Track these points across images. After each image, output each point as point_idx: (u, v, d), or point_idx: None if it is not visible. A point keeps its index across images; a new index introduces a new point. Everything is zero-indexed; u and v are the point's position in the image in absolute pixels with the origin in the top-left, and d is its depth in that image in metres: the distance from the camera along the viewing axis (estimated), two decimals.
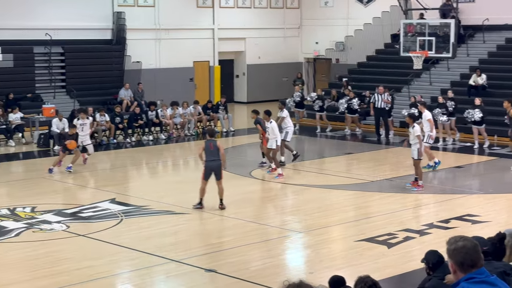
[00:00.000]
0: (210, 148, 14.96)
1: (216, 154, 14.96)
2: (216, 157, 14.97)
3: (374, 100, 24.91)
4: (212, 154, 14.94)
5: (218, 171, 15.03)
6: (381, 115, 24.75)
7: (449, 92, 24.51)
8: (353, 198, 16.44)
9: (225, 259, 11.82)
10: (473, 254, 3.91)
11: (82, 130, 20.53)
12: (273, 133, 18.56)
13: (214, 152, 14.94)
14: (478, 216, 14.56)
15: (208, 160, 14.97)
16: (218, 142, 15.23)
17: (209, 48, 33.99)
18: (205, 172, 15.05)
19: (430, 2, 27.98)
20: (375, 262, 11.59)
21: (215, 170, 15.01)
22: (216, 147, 15.00)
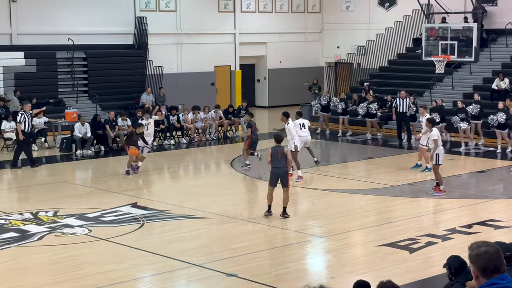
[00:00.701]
0: (277, 155, 14.74)
1: (282, 161, 14.76)
2: (282, 164, 14.77)
3: (396, 104, 24.79)
4: (278, 161, 14.73)
5: (284, 178, 14.81)
6: (403, 120, 24.63)
7: (475, 95, 24.35)
8: (374, 203, 16.37)
9: (246, 263, 11.82)
10: (496, 260, 3.88)
11: (147, 129, 20.83)
12: (290, 134, 18.49)
13: (280, 159, 14.73)
14: (501, 221, 14.45)
15: (275, 167, 14.77)
16: (285, 149, 15.10)
17: (230, 52, 34.06)
18: (272, 179, 14.90)
19: (452, 6, 27.84)
20: (397, 267, 11.53)
21: (281, 177, 14.81)
22: (283, 153, 14.78)
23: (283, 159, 14.73)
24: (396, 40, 32.80)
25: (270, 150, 15.01)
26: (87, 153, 23.28)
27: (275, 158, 14.74)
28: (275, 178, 14.82)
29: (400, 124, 24.77)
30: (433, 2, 27.75)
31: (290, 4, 36.19)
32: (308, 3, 36.78)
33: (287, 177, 14.88)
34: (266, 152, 15.45)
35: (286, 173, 14.84)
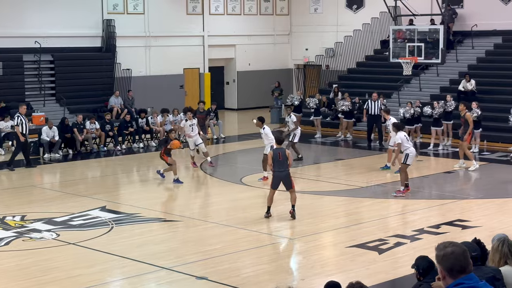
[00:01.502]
0: (278, 158, 14.68)
1: (284, 164, 14.69)
2: (284, 167, 14.72)
3: (367, 106, 24.89)
4: (281, 164, 14.68)
5: (287, 181, 14.80)
6: (375, 122, 24.77)
7: (447, 96, 24.57)
8: (344, 204, 16.45)
9: (216, 266, 11.80)
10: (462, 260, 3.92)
11: (192, 130, 20.81)
12: (267, 138, 18.49)
13: (282, 162, 14.66)
14: (469, 221, 14.61)
15: (277, 170, 14.73)
16: (287, 151, 15.08)
17: (199, 55, 34.00)
18: (274, 182, 14.89)
19: (419, 8, 28.08)
20: (366, 268, 11.59)
21: (284, 180, 14.80)
22: (285, 156, 14.71)
23: (285, 161, 14.68)
24: (364, 42, 33.01)
25: (271, 153, 14.99)
26: (55, 156, 23.08)
27: (277, 161, 14.68)
28: (277, 181, 14.83)
29: (371, 126, 24.90)
30: (400, 5, 27.97)
31: (259, 6, 36.24)
32: (276, 6, 36.86)
33: (290, 179, 14.84)
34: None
35: (288, 175, 14.79)
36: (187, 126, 20.81)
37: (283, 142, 15.32)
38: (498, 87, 26.25)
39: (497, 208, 15.91)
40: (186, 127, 20.94)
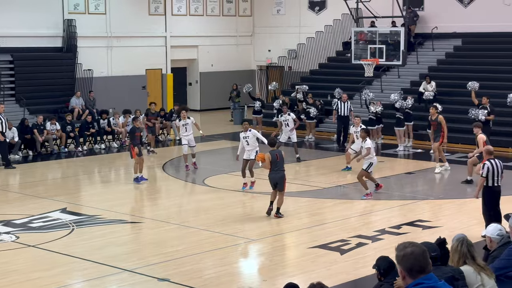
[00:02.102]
0: (276, 159, 14.91)
1: (281, 165, 14.94)
2: (280, 168, 14.92)
3: (337, 107, 24.85)
4: (277, 165, 14.91)
5: (280, 182, 14.96)
6: (344, 123, 24.67)
7: (408, 97, 24.79)
8: (306, 205, 16.50)
9: (178, 267, 11.76)
10: (422, 260, 3.96)
11: (186, 130, 20.41)
12: (253, 143, 18.02)
13: (279, 163, 14.93)
14: (429, 221, 14.76)
15: (273, 171, 14.95)
16: (283, 152, 15.28)
17: (161, 56, 33.85)
18: (271, 183, 15.11)
19: (380, 10, 28.31)
20: (328, 269, 11.65)
21: (278, 181, 14.95)
22: (282, 157, 14.98)
23: (281, 163, 14.95)
24: (327, 43, 33.18)
25: (269, 155, 15.06)
26: (15, 158, 22.78)
27: (274, 162, 14.88)
28: (272, 182, 15.03)
29: (341, 127, 24.83)
30: (362, 7, 28.16)
31: (221, 7, 36.21)
32: (239, 7, 36.87)
33: (284, 181, 15.00)
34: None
35: (283, 177, 14.97)
36: (181, 126, 20.58)
37: (276, 144, 15.48)
38: (458, 89, 26.55)
39: (457, 209, 16.10)
40: (180, 127, 20.73)
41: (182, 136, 20.58)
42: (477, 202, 13.69)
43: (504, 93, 24.78)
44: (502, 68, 27.02)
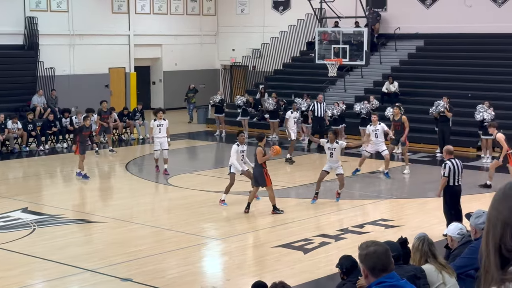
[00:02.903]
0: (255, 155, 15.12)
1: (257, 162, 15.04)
2: (259, 164, 15.04)
3: (313, 108, 24.71)
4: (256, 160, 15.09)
5: (260, 178, 15.08)
6: (320, 124, 24.49)
7: (371, 97, 24.94)
8: (270, 205, 16.50)
9: (141, 267, 11.69)
10: (384, 259, 3.99)
11: (159, 131, 19.79)
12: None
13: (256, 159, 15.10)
14: (391, 220, 14.88)
15: (254, 166, 15.17)
16: (257, 149, 15.20)
17: (125, 54, 33.62)
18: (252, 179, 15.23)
19: (344, 10, 28.46)
20: (292, 268, 11.68)
21: (258, 176, 15.11)
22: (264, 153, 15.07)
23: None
24: (290, 43, 33.27)
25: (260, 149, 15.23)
26: None
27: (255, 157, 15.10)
28: (253, 178, 15.22)
29: (317, 128, 24.52)
30: (326, 7, 28.28)
31: (185, 6, 36.09)
32: (203, 6, 36.78)
33: (264, 176, 15.06)
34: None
35: (262, 173, 15.04)
36: (155, 126, 19.90)
37: (262, 140, 15.48)
38: (420, 89, 26.83)
39: (419, 208, 16.26)
40: (154, 127, 20.06)
41: (155, 137, 19.89)
42: (439, 201, 13.84)
43: (465, 94, 25.12)
44: (464, 69, 27.35)
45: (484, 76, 26.25)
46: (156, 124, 19.82)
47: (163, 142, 19.81)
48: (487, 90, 25.11)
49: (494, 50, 27.60)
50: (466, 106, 23.85)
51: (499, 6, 28.78)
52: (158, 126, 19.78)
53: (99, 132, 24.74)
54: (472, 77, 26.73)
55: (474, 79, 26.49)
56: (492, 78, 26.12)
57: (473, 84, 25.66)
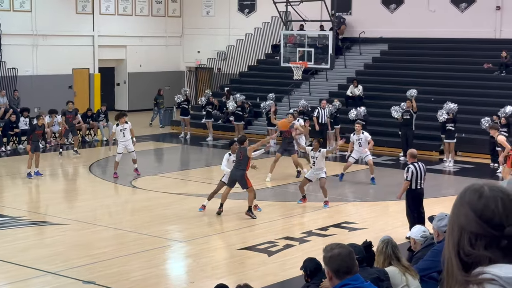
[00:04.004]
0: (239, 157, 14.93)
1: (243, 164, 14.88)
2: (241, 167, 14.88)
3: (318, 114, 23.98)
4: (240, 163, 14.91)
5: (241, 180, 14.92)
6: (322, 131, 23.70)
7: (335, 100, 25.05)
8: (235, 207, 16.49)
9: (104, 270, 11.60)
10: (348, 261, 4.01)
11: (123, 136, 19.45)
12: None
13: (242, 161, 14.90)
14: (355, 223, 14.96)
15: (234, 168, 14.97)
16: (247, 148, 15.06)
17: (89, 55, 33.35)
18: (229, 179, 15.04)
19: (309, 14, 28.57)
20: (256, 270, 11.68)
21: (238, 178, 14.93)
22: (245, 157, 14.87)
23: (244, 162, 14.87)
24: (256, 46, 33.31)
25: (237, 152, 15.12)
26: None
27: (238, 160, 14.96)
28: (232, 179, 15.01)
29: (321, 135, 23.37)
30: (291, 10, 28.36)
31: (150, 7, 35.92)
32: (168, 7, 36.65)
33: (244, 179, 14.91)
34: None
35: (242, 175, 14.90)
36: (118, 131, 19.55)
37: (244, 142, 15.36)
38: (384, 93, 27.05)
39: (383, 211, 16.38)
40: (116, 132, 19.63)
41: (120, 142, 19.61)
42: (402, 204, 13.95)
43: (428, 98, 25.36)
44: (427, 73, 27.62)
45: (447, 80, 26.57)
46: (119, 129, 19.55)
47: (128, 145, 19.61)
48: (449, 94, 25.38)
49: (456, 55, 27.93)
50: (429, 110, 24.08)
51: (461, 12, 29.16)
52: (121, 130, 19.53)
53: (64, 133, 24.51)
54: (435, 81, 27.03)
55: (437, 84, 26.78)
56: (454, 82, 26.45)
57: (436, 89, 25.93)
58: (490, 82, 26.09)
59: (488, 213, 2.04)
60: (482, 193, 2.08)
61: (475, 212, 2.06)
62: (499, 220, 2.03)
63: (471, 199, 2.08)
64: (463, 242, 2.05)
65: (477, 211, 2.06)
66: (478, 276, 1.98)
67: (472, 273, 2.00)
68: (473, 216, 2.06)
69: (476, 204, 2.07)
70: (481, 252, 2.02)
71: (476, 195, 2.08)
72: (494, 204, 2.05)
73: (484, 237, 2.03)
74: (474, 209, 2.06)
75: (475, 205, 2.07)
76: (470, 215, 2.06)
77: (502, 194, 2.08)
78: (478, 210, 2.06)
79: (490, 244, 2.03)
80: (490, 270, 1.98)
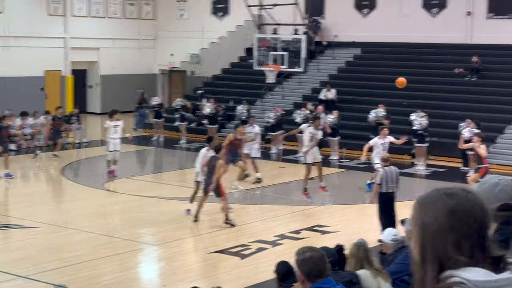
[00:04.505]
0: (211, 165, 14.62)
1: (212, 172, 14.57)
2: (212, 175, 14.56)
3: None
4: (211, 171, 14.58)
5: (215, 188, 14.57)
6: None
7: (308, 104, 25.14)
8: (206, 210, 16.45)
9: (75, 273, 11.52)
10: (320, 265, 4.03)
11: (115, 132, 19.39)
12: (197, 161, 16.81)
13: (213, 168, 14.54)
14: (328, 226, 15.01)
15: (206, 177, 14.65)
16: (219, 162, 14.67)
17: (61, 57, 33.11)
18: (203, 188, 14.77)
19: (283, 18, 28.67)
20: (229, 274, 11.68)
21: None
22: (214, 166, 14.54)
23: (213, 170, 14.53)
24: (229, 49, 33.29)
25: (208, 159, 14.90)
26: None
27: (211, 168, 14.60)
28: (205, 186, 14.71)
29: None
30: (265, 14, 28.45)
31: (124, 10, 35.76)
32: (141, 10, 36.52)
33: (218, 186, 14.58)
34: None
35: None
36: (111, 127, 19.60)
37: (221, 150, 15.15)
38: (357, 97, 27.17)
39: (355, 214, 16.45)
40: (109, 127, 19.66)
41: (110, 138, 19.59)
42: (374, 207, 14.03)
43: (400, 102, 25.54)
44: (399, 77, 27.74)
45: (419, 84, 26.73)
46: (112, 124, 19.61)
47: (117, 144, 19.65)
48: (422, 98, 25.60)
49: (428, 60, 28.13)
50: (401, 114, 24.24)
51: (433, 17, 29.42)
52: (114, 126, 19.59)
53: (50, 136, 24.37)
54: (407, 85, 27.15)
55: (409, 88, 26.86)
56: (426, 86, 26.63)
57: (409, 93, 26.09)
58: (461, 87, 26.33)
59: (454, 219, 2.05)
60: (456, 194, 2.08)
61: (443, 217, 2.07)
62: (465, 226, 2.04)
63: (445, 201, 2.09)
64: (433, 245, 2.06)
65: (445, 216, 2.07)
66: (446, 279, 2.00)
67: (441, 277, 2.01)
68: (442, 220, 2.07)
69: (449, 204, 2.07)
70: (449, 255, 2.03)
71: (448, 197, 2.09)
72: (462, 209, 2.06)
73: (451, 241, 2.04)
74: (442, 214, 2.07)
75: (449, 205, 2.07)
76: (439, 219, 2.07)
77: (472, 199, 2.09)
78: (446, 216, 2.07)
79: (458, 248, 2.04)
80: (459, 274, 1.99)
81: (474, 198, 2.09)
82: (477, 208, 2.07)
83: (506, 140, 22.79)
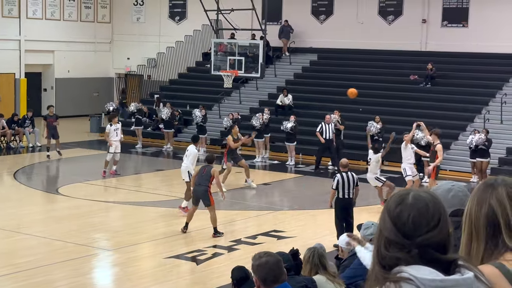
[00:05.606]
0: (202, 172, 14.24)
1: (205, 180, 14.13)
2: (204, 182, 14.13)
3: (321, 129, 22.73)
4: (202, 179, 14.17)
5: (204, 197, 14.18)
6: (328, 146, 22.62)
7: (265, 109, 25.19)
8: (162, 215, 16.38)
9: (28, 279, 11.33)
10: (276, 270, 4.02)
11: (116, 135, 20.37)
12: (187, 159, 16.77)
13: (204, 176, 14.14)
14: (284, 231, 15.03)
15: (196, 185, 14.27)
16: (213, 169, 14.42)
17: (15, 59, 32.61)
18: (193, 197, 14.43)
19: (240, 23, 28.67)
20: (184, 279, 11.62)
21: (201, 196, 14.21)
22: (208, 173, 14.20)
23: (206, 177, 14.19)
24: (186, 53, 33.22)
25: (197, 169, 14.81)
26: None
27: (200, 176, 14.29)
28: (195, 197, 14.37)
29: (324, 149, 22.68)
30: (222, 18, 28.43)
31: (79, 12, 35.41)
32: (97, 13, 36.20)
33: (207, 196, 14.22)
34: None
35: (205, 192, 14.20)
36: (112, 131, 20.51)
37: (213, 162, 14.95)
38: (313, 102, 27.30)
39: (311, 219, 16.50)
40: (110, 131, 20.55)
41: (113, 141, 20.56)
42: (330, 212, 14.09)
43: (356, 108, 25.74)
44: (356, 84, 27.91)
45: (375, 91, 26.99)
46: (113, 128, 20.59)
47: (118, 145, 20.67)
48: (378, 105, 25.83)
49: (384, 66, 28.41)
50: (357, 120, 24.43)
51: (389, 24, 29.75)
52: (115, 130, 20.61)
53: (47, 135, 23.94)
54: (363, 91, 27.34)
55: (365, 94, 27.15)
56: (382, 93, 26.88)
57: (365, 99, 26.30)
58: (416, 94, 26.64)
59: (400, 222, 2.13)
60: (403, 200, 2.15)
61: (390, 219, 2.14)
62: (409, 231, 2.11)
63: (390, 206, 2.17)
64: (379, 244, 2.14)
65: (392, 218, 2.14)
66: (396, 274, 2.05)
67: (392, 272, 2.08)
68: (389, 222, 2.14)
69: (392, 211, 2.15)
70: (395, 255, 2.10)
71: (395, 203, 2.16)
72: (407, 213, 2.12)
73: (396, 244, 2.11)
74: (390, 216, 2.15)
75: (392, 212, 2.15)
76: (387, 221, 2.15)
77: (422, 204, 2.13)
78: (393, 218, 2.14)
79: (402, 250, 2.10)
80: (408, 270, 2.07)
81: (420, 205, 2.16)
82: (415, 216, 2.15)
83: (459, 147, 23.09)
